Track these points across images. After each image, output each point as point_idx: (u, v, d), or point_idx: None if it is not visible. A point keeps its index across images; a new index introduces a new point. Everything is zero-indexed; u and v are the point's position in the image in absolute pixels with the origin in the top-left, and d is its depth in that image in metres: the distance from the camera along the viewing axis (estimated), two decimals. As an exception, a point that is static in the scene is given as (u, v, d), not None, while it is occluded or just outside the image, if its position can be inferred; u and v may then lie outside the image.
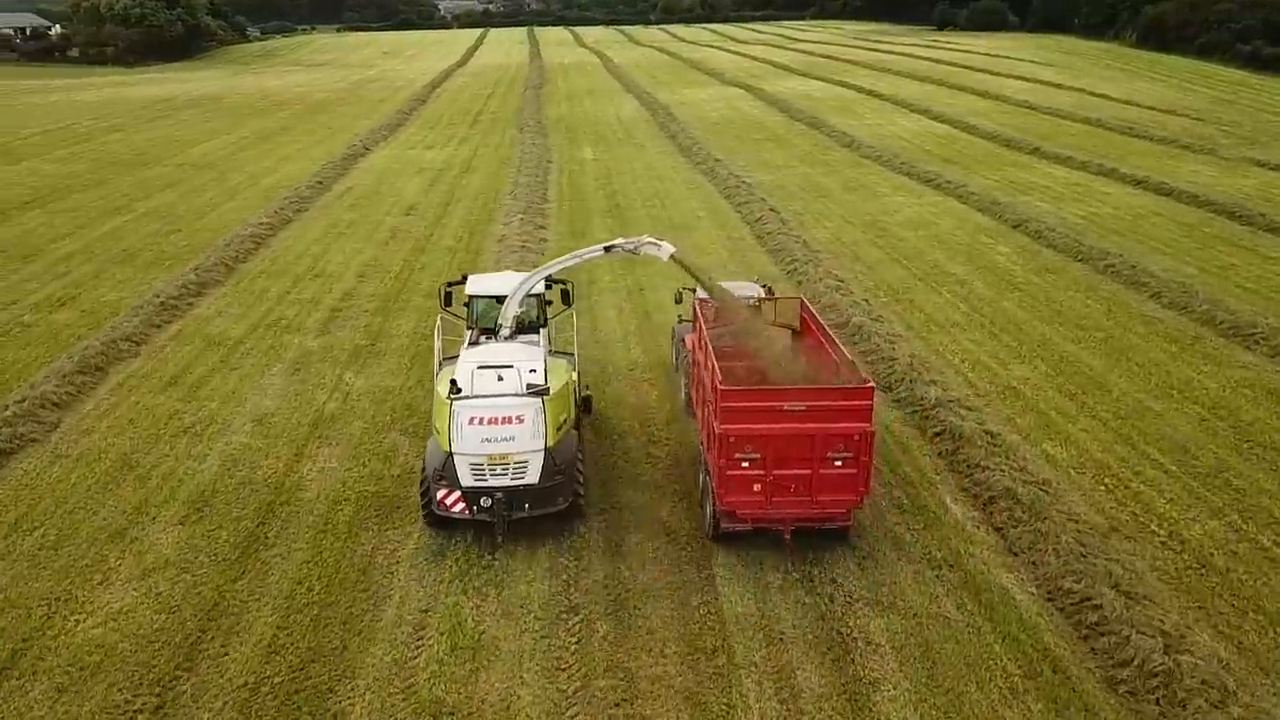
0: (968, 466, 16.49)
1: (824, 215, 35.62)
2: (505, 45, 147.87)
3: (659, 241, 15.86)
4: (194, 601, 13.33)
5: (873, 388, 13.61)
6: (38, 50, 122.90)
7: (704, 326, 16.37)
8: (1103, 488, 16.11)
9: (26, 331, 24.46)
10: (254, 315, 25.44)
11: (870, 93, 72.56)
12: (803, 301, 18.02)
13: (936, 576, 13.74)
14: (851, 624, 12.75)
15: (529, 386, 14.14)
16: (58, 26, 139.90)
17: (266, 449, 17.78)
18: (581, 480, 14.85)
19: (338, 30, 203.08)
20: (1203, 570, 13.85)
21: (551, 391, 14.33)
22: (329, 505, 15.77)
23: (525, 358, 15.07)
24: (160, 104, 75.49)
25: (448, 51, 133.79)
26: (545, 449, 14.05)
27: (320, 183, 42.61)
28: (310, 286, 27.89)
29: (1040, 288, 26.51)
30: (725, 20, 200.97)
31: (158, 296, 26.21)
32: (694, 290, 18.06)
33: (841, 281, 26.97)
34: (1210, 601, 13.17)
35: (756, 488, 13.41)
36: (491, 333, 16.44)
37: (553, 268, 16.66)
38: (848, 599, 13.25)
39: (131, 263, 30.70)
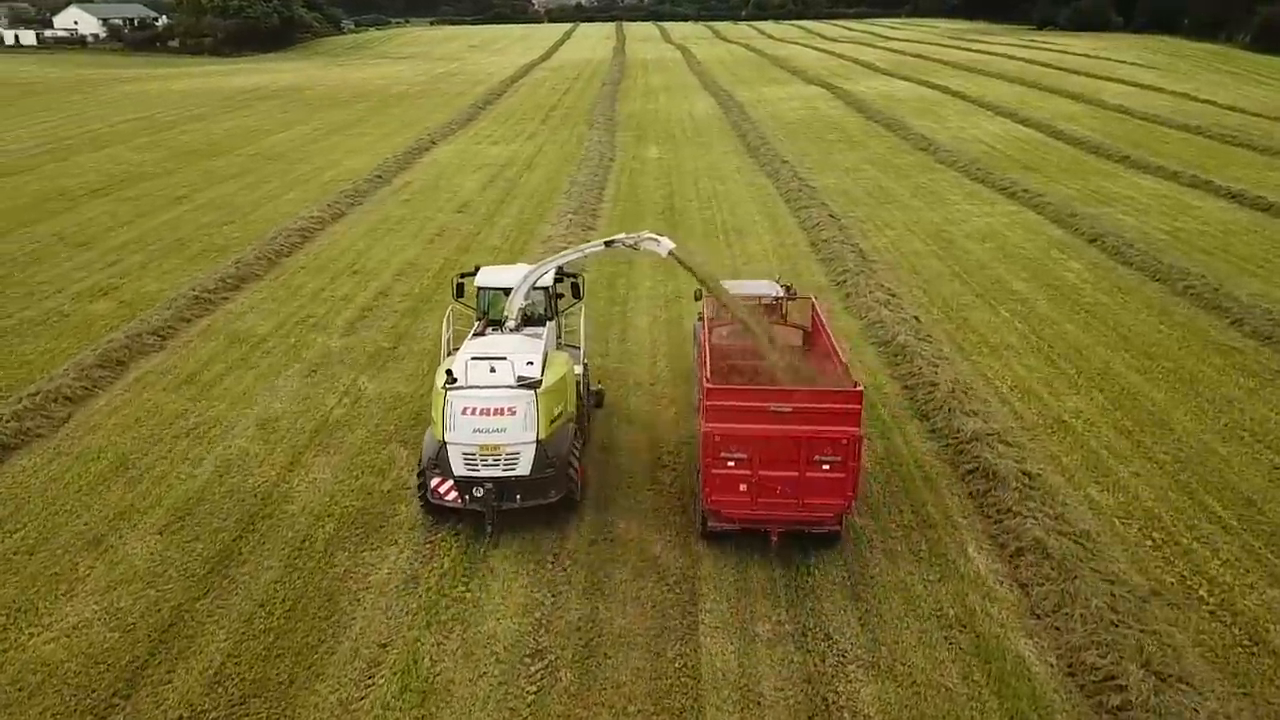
0: (998, 511, 15.00)
1: (886, 223, 33.95)
2: (592, 40, 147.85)
3: (658, 237, 15.60)
4: (151, 620, 12.76)
5: (861, 392, 13.28)
6: (142, 40, 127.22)
7: (707, 325, 16.27)
8: (1149, 542, 14.47)
9: (62, 321, 24.54)
10: (285, 312, 25.13)
11: (956, 94, 69.90)
12: (813, 302, 17.86)
13: (945, 638, 12.38)
14: (840, 689, 11.50)
15: (520, 379, 14.09)
16: (165, 18, 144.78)
17: (263, 455, 17.25)
18: (575, 472, 14.70)
19: (430, 24, 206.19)
20: (1254, 649, 12.19)
21: (546, 385, 14.26)
22: (311, 520, 15.11)
23: (523, 350, 15.03)
24: (245, 94, 77.01)
25: (533, 46, 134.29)
26: (537, 441, 14.06)
27: (380, 176, 42.49)
28: (346, 284, 27.51)
29: (1109, 309, 24.56)
30: (817, 17, 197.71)
31: (193, 290, 26.12)
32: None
33: (893, 295, 25.45)
34: (1260, 688, 11.54)
35: (743, 488, 13.30)
36: (499, 324, 16.42)
37: (556, 261, 16.33)
38: (840, 658, 11.99)
39: (181, 253, 30.81)
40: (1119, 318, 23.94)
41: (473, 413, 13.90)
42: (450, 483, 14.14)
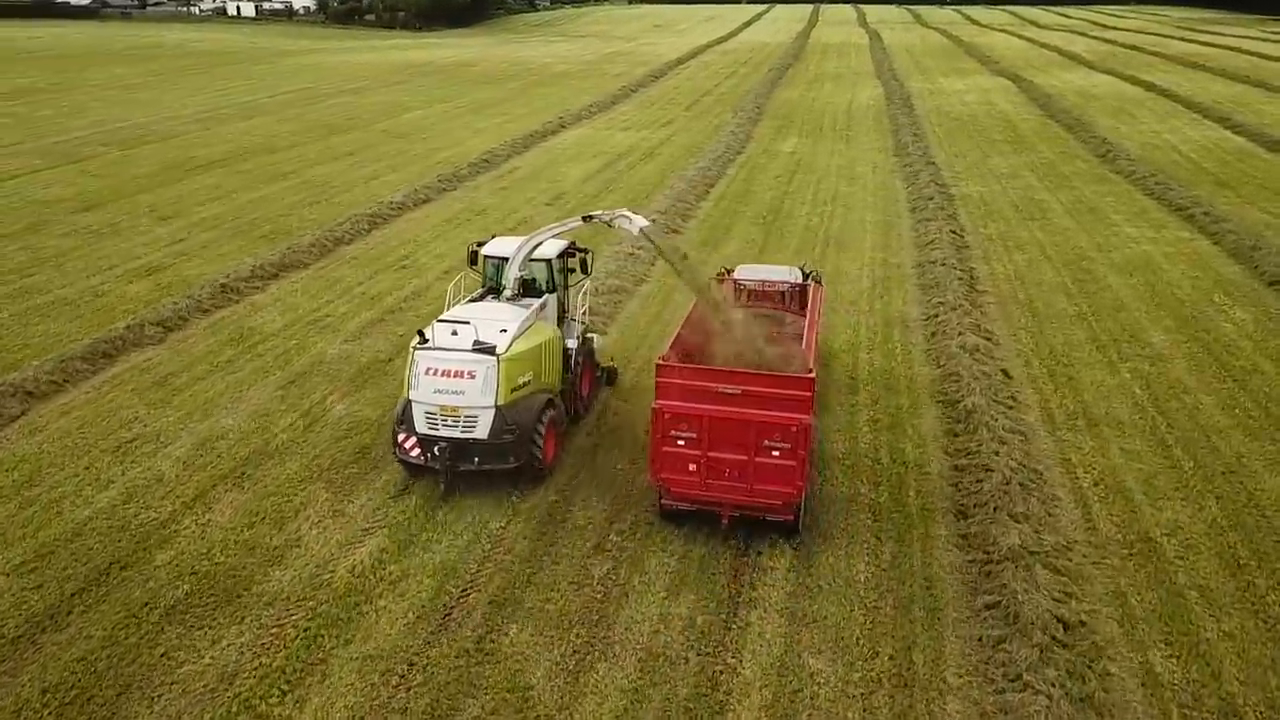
0: (1006, 677, 11.06)
1: (1020, 244, 29.01)
2: (782, 22, 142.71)
3: (631, 215, 15.62)
4: (-79, 692, 10.95)
5: (813, 379, 13.20)
6: (343, 13, 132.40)
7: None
8: (1216, 757, 10.22)
9: (92, 302, 23.82)
10: (307, 308, 23.47)
11: (1163, 92, 61.53)
12: (813, 287, 18.12)
13: None
14: None
15: (475, 344, 14.49)
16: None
17: (175, 484, 15.34)
18: (540, 442, 14.81)
19: (629, 2, 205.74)
20: None
21: (511, 353, 14.60)
22: (170, 578, 12.99)
23: (500, 317, 15.31)
24: (410, 69, 77.77)
25: (718, 27, 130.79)
26: (496, 407, 14.42)
27: (488, 161, 40.76)
28: (387, 279, 25.64)
29: (1271, 380, 19.31)
30: (1034, 2, 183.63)
31: (228, 276, 24.92)
32: (730, 271, 19.23)
33: (988, 338, 21.09)
34: None
35: (692, 467, 13.32)
36: (497, 292, 16.70)
37: (543, 235, 16.37)
38: None
39: (249, 234, 29.92)
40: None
41: (434, 373, 14.47)
42: (414, 439, 14.74)
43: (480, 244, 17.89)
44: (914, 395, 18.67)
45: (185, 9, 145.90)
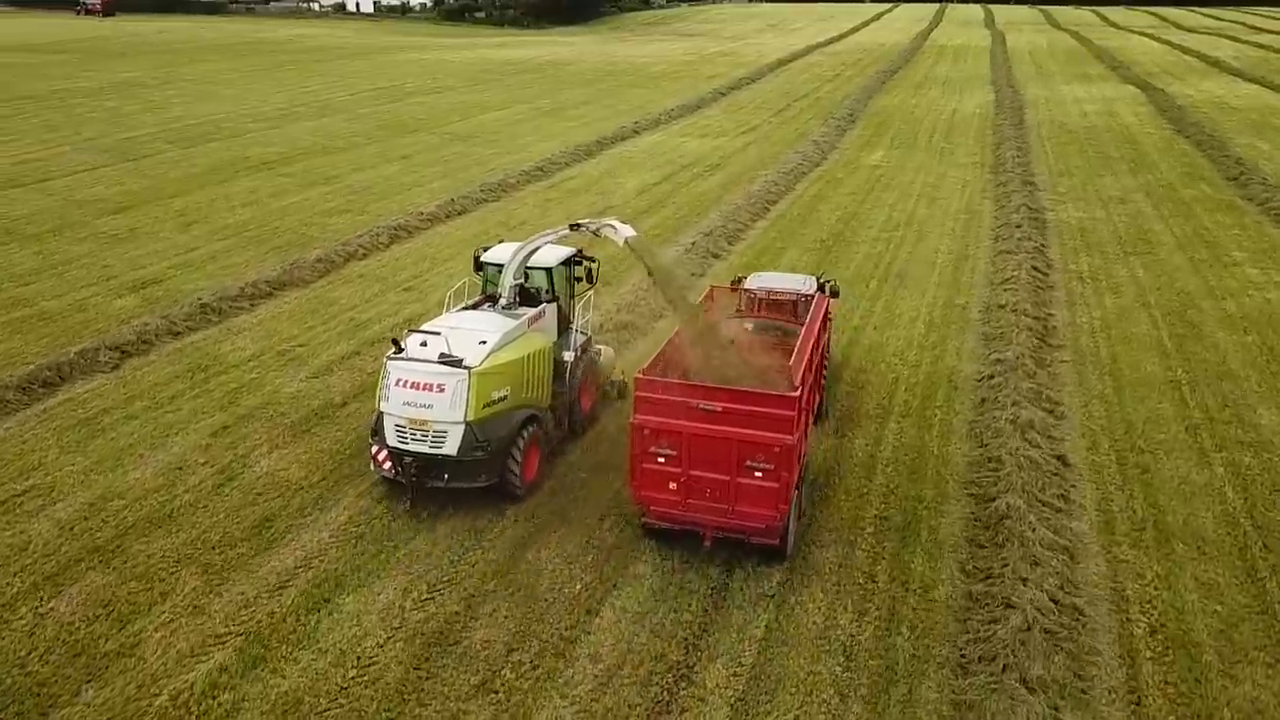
0: None
1: (1115, 284, 24.91)
2: (902, 21, 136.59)
3: (617, 224, 14.81)
4: None
5: (797, 398, 12.36)
6: (455, 10, 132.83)
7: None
8: None
9: (71, 317, 22.36)
10: (286, 334, 21.44)
11: (1317, 105, 54.92)
12: (819, 298, 16.84)
13: None
14: None
15: (441, 356, 13.86)
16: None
17: (35, 559, 13.21)
18: (517, 462, 14.26)
19: (749, 0, 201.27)
20: None
21: (486, 367, 13.92)
22: (-34, 689, 10.84)
23: (485, 328, 14.65)
24: (504, 68, 76.32)
25: (834, 26, 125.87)
26: (466, 423, 13.79)
27: (542, 169, 38.39)
28: (383, 303, 23.45)
29: None
30: (1180, 2, 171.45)
31: (213, 294, 23.15)
32: (743, 278, 18.26)
33: (1050, 410, 17.46)
34: None
35: (672, 486, 12.78)
36: (493, 300, 16.03)
37: (538, 242, 15.49)
38: None
39: (265, 244, 28.27)
40: None
41: (404, 385, 13.92)
42: (385, 452, 14.21)
43: (486, 249, 17.12)
44: (941, 486, 15.25)
45: (306, 4, 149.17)
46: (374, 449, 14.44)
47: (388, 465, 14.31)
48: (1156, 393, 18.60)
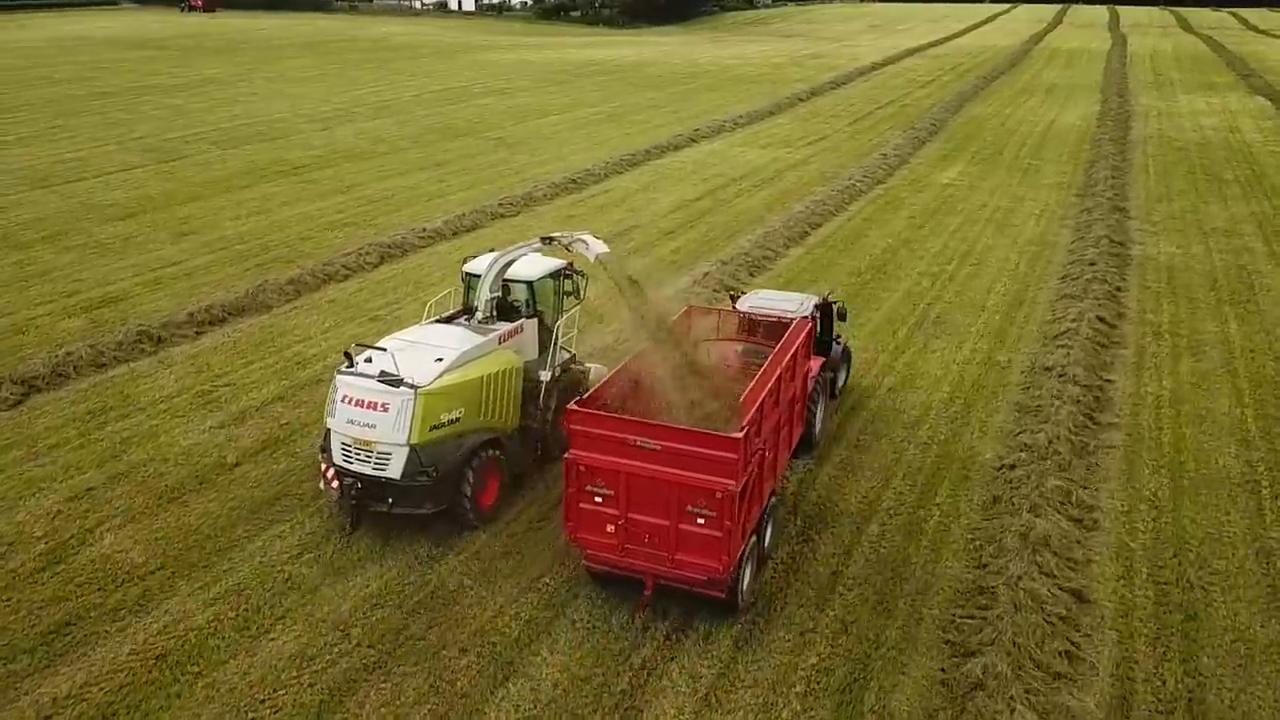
0: None
1: (1199, 343, 20.82)
2: (1019, 23, 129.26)
3: (588, 239, 14.08)
4: None
5: (740, 440, 10.91)
6: (550, 9, 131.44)
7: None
8: None
9: (3, 340, 20.68)
10: (214, 370, 19.29)
11: None
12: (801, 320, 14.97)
13: None
14: None
15: (381, 374, 13.09)
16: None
17: None
18: (467, 491, 13.42)
19: (861, 0, 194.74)
20: None
21: (435, 386, 13.09)
22: None
23: (446, 344, 13.92)
24: (580, 69, 74.01)
25: (943, 28, 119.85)
26: (410, 445, 13.01)
27: (576, 181, 35.68)
28: (336, 337, 21.07)
29: None
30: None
31: (160, 321, 21.19)
32: (737, 295, 17.73)
33: (1078, 518, 13.88)
34: None
35: (610, 528, 11.65)
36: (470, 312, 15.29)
37: (513, 254, 14.78)
38: None
39: (249, 261, 26.34)
40: None
41: (349, 402, 13.21)
42: (333, 471, 13.41)
43: (472, 258, 16.27)
44: (911, 626, 11.89)
45: (408, 2, 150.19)
46: (324, 466, 13.65)
47: (336, 484, 13.43)
48: (1226, 498, 14.73)
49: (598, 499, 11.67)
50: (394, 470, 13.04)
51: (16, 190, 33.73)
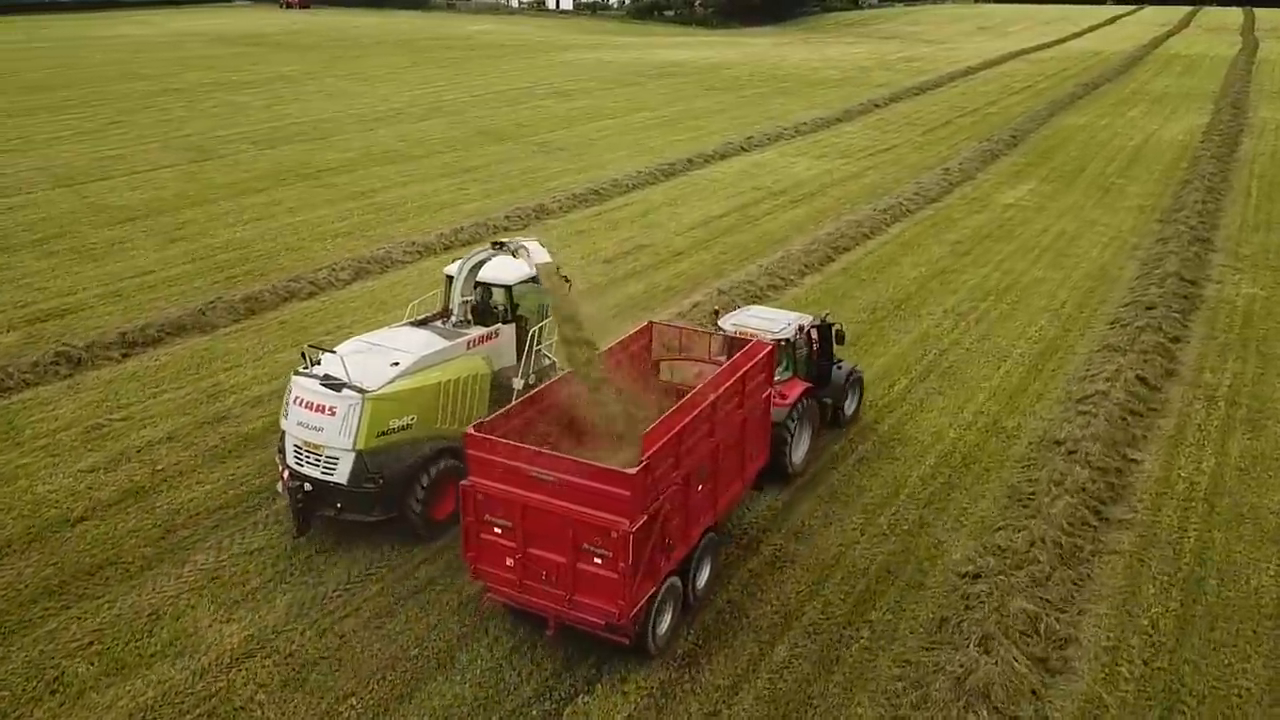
0: None
1: (1262, 416, 17.32)
2: (1145, 26, 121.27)
3: (530, 246, 13.39)
4: None
5: (637, 477, 10.09)
6: (644, 8, 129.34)
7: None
8: None
9: (-70, 356, 19.62)
10: (123, 399, 17.74)
11: None
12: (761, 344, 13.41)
13: None
14: None
15: (325, 378, 12.89)
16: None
17: None
18: (420, 496, 13.03)
19: (974, 1, 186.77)
20: None
21: (383, 391, 12.82)
22: None
23: (406, 348, 13.64)
24: (655, 69, 71.61)
25: (1057, 29, 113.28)
26: (356, 451, 12.74)
27: (599, 193, 33.39)
28: (269, 364, 19.39)
29: None
30: None
31: (83, 341, 19.81)
32: (718, 312, 16.93)
33: (1043, 658, 10.94)
34: None
35: (509, 562, 11.03)
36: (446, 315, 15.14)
37: (474, 259, 14.48)
38: None
39: (219, 273, 24.92)
40: None
41: (300, 404, 13.05)
42: (289, 472, 13.18)
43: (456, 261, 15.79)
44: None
45: (505, 1, 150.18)
46: (280, 468, 13.55)
47: (292, 485, 13.17)
48: (1249, 636, 11.48)
49: (496, 529, 11.09)
50: (341, 475, 12.86)
51: (38, 188, 33.38)
